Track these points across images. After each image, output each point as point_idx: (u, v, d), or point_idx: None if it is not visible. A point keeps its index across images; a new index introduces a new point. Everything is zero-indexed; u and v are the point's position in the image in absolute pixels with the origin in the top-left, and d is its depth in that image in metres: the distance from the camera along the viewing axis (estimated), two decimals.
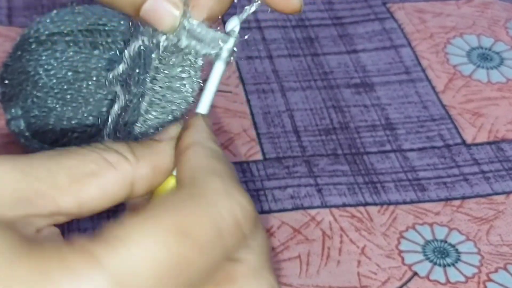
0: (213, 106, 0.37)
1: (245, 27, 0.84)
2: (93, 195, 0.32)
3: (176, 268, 0.30)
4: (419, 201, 0.67)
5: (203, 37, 0.36)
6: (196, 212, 0.31)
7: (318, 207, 0.66)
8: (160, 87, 0.40)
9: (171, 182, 0.35)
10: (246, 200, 0.33)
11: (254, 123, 0.73)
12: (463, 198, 0.68)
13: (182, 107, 0.41)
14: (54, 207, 0.32)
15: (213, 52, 0.37)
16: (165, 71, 0.39)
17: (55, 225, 0.35)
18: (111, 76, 0.40)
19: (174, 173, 0.35)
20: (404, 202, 0.67)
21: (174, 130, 0.36)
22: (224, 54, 0.36)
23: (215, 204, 0.32)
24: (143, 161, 0.34)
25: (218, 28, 0.38)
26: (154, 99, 0.41)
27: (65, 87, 0.64)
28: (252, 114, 0.74)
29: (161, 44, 0.37)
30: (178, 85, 0.40)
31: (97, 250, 0.29)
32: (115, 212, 0.36)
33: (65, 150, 0.32)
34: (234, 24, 0.38)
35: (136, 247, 0.29)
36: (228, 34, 0.37)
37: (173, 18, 0.36)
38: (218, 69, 0.37)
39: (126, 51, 0.38)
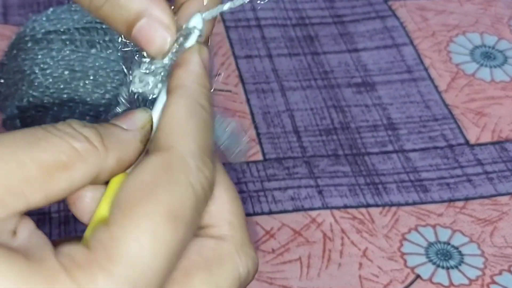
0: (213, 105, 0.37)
1: (244, 25, 0.84)
2: (62, 188, 0.32)
3: (176, 252, 0.32)
4: (422, 202, 0.67)
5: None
6: (175, 193, 0.32)
7: (319, 208, 0.66)
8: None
9: (121, 177, 0.34)
10: (210, 170, 0.34)
11: (254, 123, 0.73)
12: (467, 199, 0.67)
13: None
14: (24, 204, 0.31)
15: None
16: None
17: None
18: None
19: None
20: (407, 204, 0.67)
21: (141, 118, 0.35)
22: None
23: (192, 184, 0.32)
24: (111, 152, 0.33)
25: None
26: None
27: (62, 86, 0.64)
28: (251, 114, 0.74)
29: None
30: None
31: (99, 262, 0.30)
32: None
33: (34, 138, 0.31)
34: (196, 21, 0.36)
35: (138, 248, 0.31)
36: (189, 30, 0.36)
37: (163, 42, 0.35)
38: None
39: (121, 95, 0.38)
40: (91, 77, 0.64)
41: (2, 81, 0.66)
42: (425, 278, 0.62)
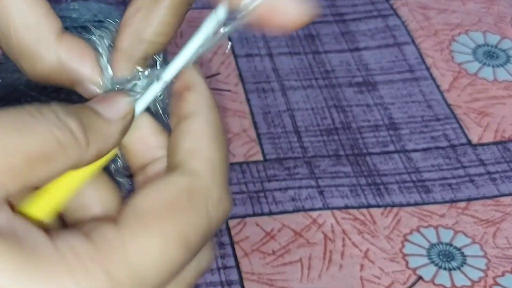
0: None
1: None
2: (40, 178, 0.31)
3: (174, 274, 0.32)
4: (424, 203, 0.66)
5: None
6: (193, 220, 0.32)
7: (319, 209, 0.65)
8: None
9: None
10: (231, 206, 0.35)
11: (254, 123, 0.72)
12: (469, 200, 0.67)
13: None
14: (3, 192, 0.30)
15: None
16: None
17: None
18: None
19: None
20: (408, 204, 0.66)
21: (124, 107, 0.34)
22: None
23: (210, 215, 0.33)
24: (92, 145, 0.32)
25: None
26: None
27: (60, 85, 0.63)
28: (252, 113, 0.73)
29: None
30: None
31: (102, 261, 0.30)
32: None
33: (21, 123, 0.30)
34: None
35: (144, 260, 0.30)
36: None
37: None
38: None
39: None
40: None
41: None
42: (427, 279, 0.61)
